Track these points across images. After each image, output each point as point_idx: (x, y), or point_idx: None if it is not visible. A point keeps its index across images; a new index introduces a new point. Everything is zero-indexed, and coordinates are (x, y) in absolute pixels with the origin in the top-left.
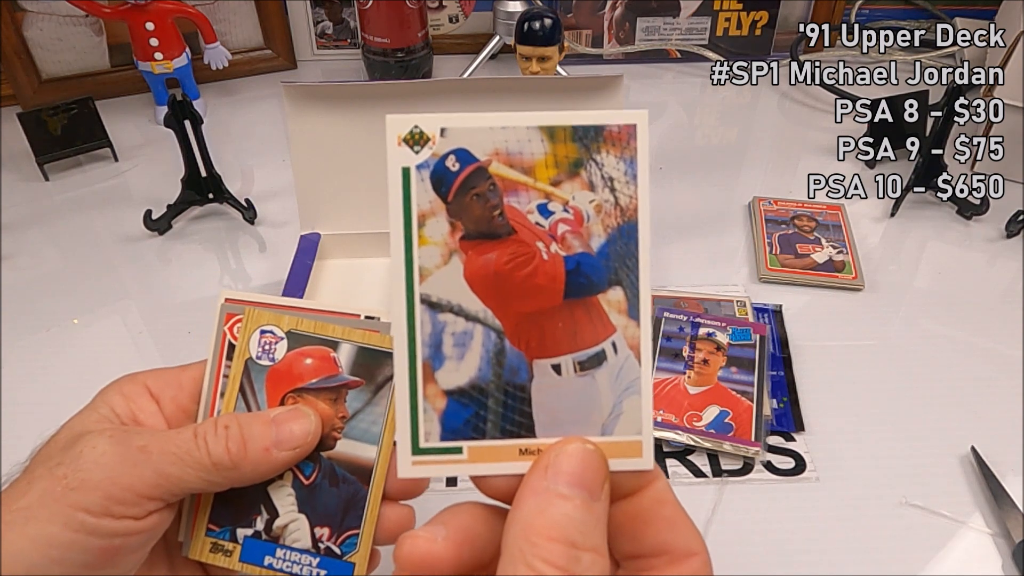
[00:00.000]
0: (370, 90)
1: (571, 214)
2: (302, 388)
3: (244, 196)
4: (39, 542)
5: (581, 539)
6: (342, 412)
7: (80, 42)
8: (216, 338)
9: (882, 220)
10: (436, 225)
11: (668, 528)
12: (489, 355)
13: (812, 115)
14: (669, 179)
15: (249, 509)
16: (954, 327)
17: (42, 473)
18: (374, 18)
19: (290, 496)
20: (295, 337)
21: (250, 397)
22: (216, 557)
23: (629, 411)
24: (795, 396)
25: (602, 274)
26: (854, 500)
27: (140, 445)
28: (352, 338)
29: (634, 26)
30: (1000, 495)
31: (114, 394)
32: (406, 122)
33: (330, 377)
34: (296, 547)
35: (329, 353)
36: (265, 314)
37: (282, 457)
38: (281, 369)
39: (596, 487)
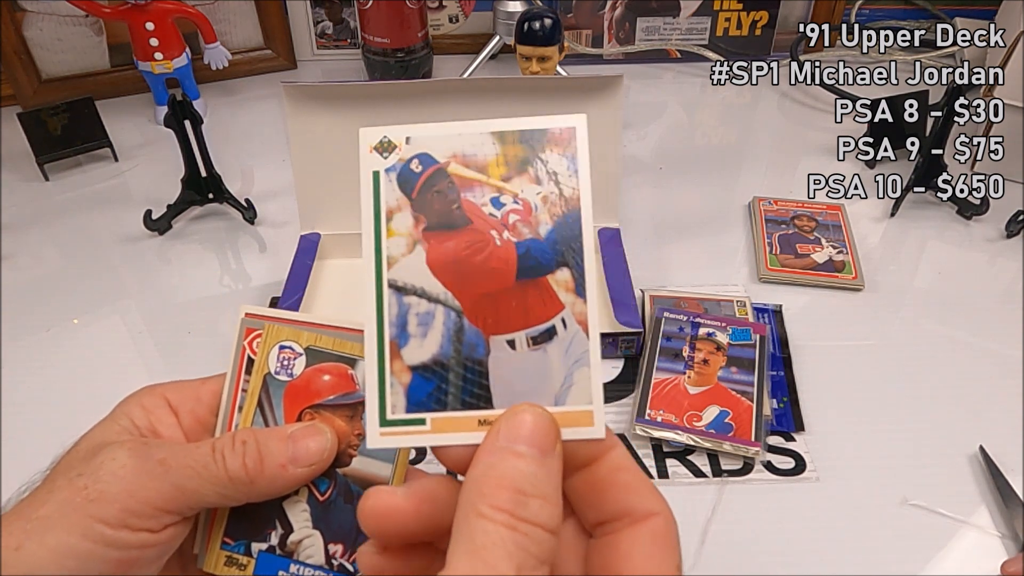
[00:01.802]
0: (370, 90)
1: (520, 205)
2: (319, 404)
3: (244, 196)
4: (57, 552)
5: (530, 488)
6: (358, 429)
7: (80, 42)
8: (236, 353)
9: (882, 220)
10: (402, 219)
11: (627, 492)
12: (449, 333)
13: (812, 115)
14: (669, 179)
15: (264, 524)
16: (954, 327)
17: (62, 484)
18: (374, 18)
19: (305, 512)
20: (314, 353)
21: (268, 412)
22: (230, 571)
23: (580, 382)
24: (795, 396)
25: (550, 257)
26: (854, 500)
27: (159, 458)
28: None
29: (634, 26)
30: (1008, 495)
31: (134, 406)
32: (376, 133)
33: (347, 394)
34: (310, 563)
35: (347, 370)
36: (284, 330)
37: (298, 473)
38: (299, 385)
39: (547, 445)
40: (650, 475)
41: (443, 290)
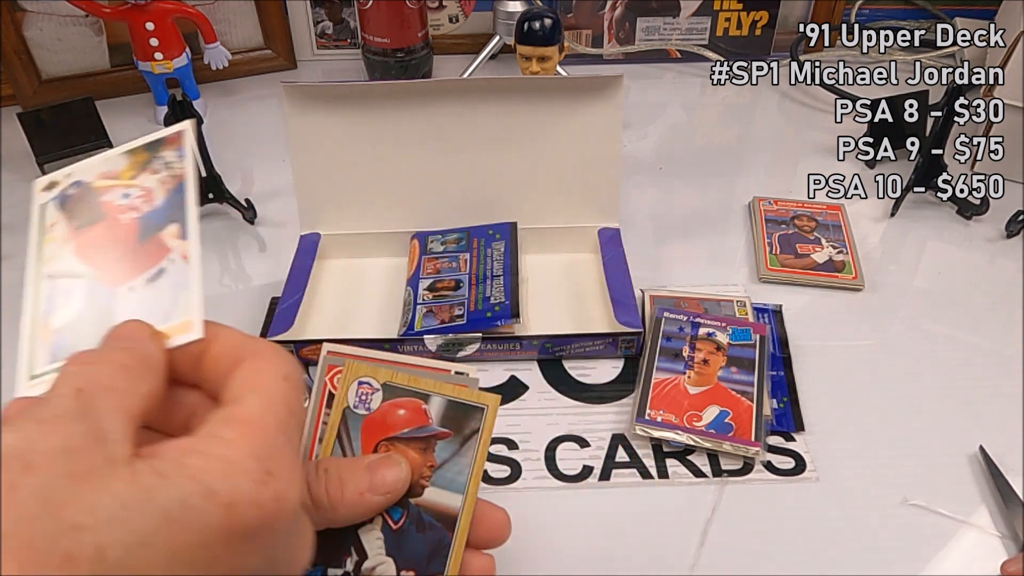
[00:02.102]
0: (370, 90)
1: (143, 192)
2: (394, 437)
3: (244, 196)
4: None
5: (112, 335)
6: (431, 461)
7: (80, 42)
8: (317, 388)
9: (882, 220)
10: (58, 229)
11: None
12: (85, 295)
13: (812, 115)
14: (669, 179)
15: (340, 550)
16: (954, 327)
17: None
18: (374, 18)
19: (379, 540)
20: (390, 389)
21: (346, 443)
22: None
23: (182, 303)
24: (795, 396)
25: (161, 218)
26: (854, 500)
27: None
28: (443, 391)
29: (634, 26)
30: (1008, 495)
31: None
32: (46, 179)
33: (421, 428)
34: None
35: (421, 405)
36: (363, 367)
37: (375, 501)
38: (376, 418)
39: (141, 337)
40: (650, 475)
41: (84, 268)
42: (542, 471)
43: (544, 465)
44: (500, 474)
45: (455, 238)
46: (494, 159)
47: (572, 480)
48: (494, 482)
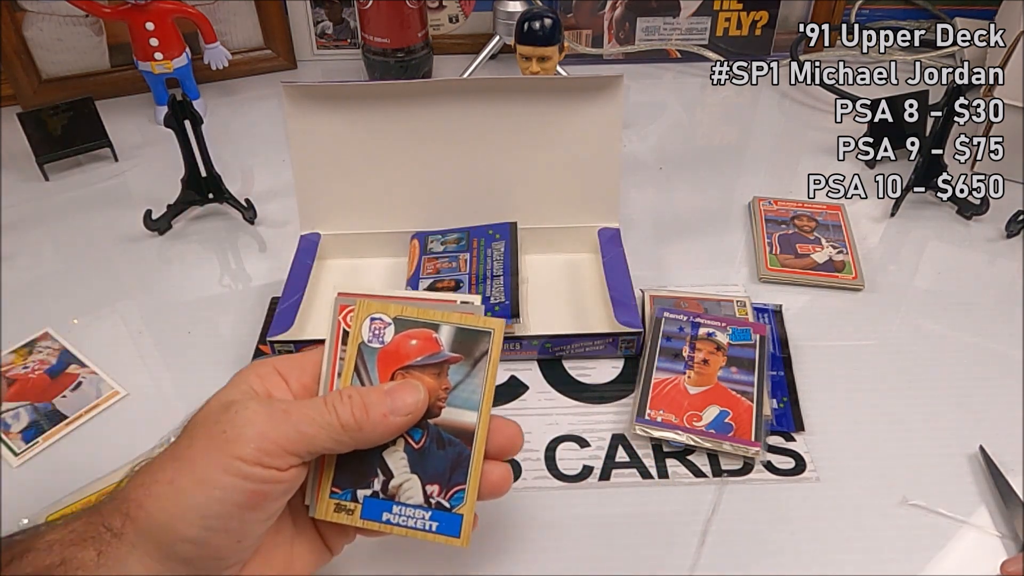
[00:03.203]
0: (370, 90)
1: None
2: (409, 365)
3: (244, 196)
4: (204, 483)
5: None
6: (445, 384)
7: (80, 42)
8: (332, 327)
9: (882, 220)
10: None
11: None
12: None
13: (812, 115)
14: (669, 179)
15: (368, 473)
16: (954, 327)
17: (202, 432)
18: (374, 18)
19: (403, 459)
20: (401, 322)
21: (364, 375)
22: (340, 516)
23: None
24: (795, 396)
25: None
26: (854, 500)
27: (283, 408)
28: (451, 320)
29: (634, 26)
30: (1008, 495)
31: (250, 374)
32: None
33: (433, 355)
34: (410, 503)
35: (431, 334)
36: (374, 304)
37: (397, 422)
38: (390, 350)
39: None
40: (650, 475)
41: None
42: (542, 471)
43: (544, 465)
44: None
45: (455, 238)
46: (494, 159)
47: (572, 480)
48: None
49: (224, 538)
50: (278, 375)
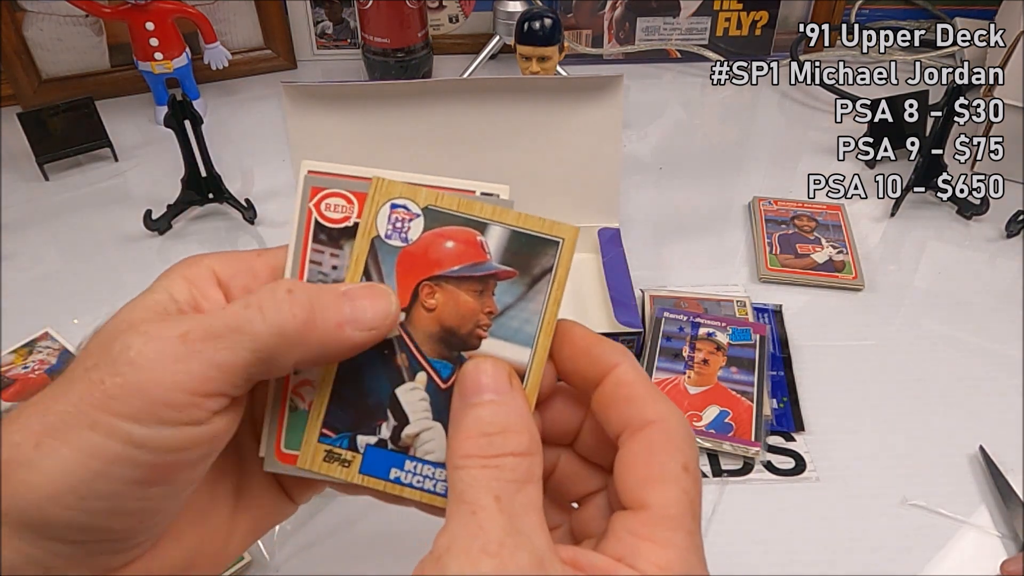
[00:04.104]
0: (370, 90)
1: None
2: (441, 276)
3: (244, 196)
4: (83, 452)
5: (490, 427)
6: (489, 307)
7: (80, 42)
8: (300, 216)
9: (882, 220)
10: None
11: (626, 405)
12: None
13: (812, 115)
14: (669, 179)
15: (374, 413)
16: (954, 327)
17: (79, 375)
18: (374, 18)
19: (424, 401)
20: (434, 215)
21: (374, 279)
22: (332, 468)
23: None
24: (795, 396)
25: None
26: (854, 500)
27: (180, 334)
28: (504, 220)
29: (634, 26)
30: (1008, 495)
31: (176, 278)
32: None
33: (476, 264)
34: (429, 459)
35: (475, 236)
36: (398, 185)
37: (356, 337)
38: (416, 252)
39: (496, 386)
40: None
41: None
42: None
43: None
44: None
45: None
46: (494, 159)
47: None
48: None
49: (117, 520)
50: (215, 281)
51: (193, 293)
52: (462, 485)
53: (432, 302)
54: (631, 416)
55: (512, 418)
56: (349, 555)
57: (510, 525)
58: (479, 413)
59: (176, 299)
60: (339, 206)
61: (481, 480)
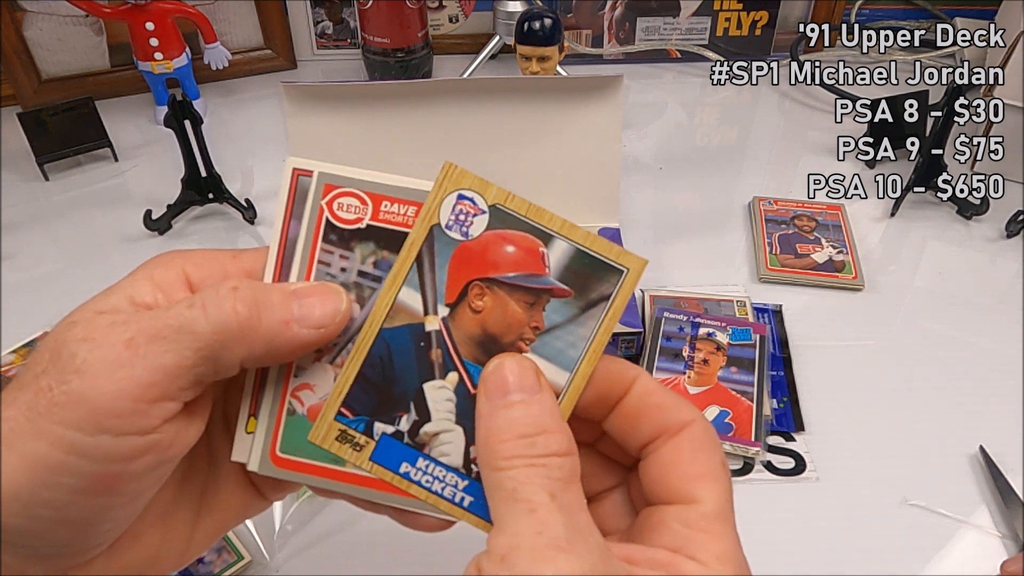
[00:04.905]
0: (370, 90)
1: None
2: (494, 279)
3: (244, 196)
4: (28, 460)
5: (529, 428)
6: (537, 321)
7: (80, 42)
8: (311, 213)
9: (882, 220)
10: None
11: (659, 411)
12: None
13: (812, 115)
14: (669, 179)
15: (396, 403)
16: (954, 327)
17: (29, 381)
18: (374, 18)
19: (450, 402)
20: (500, 215)
21: (427, 273)
22: (342, 448)
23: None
24: (795, 396)
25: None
26: (854, 500)
27: (126, 340)
28: (572, 236)
29: (634, 26)
30: (1008, 495)
31: (142, 279)
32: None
33: (533, 276)
34: (443, 462)
35: (538, 246)
36: (468, 176)
37: (304, 335)
38: (474, 249)
39: (528, 385)
40: None
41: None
42: None
43: None
44: None
45: None
46: (494, 159)
47: None
48: None
49: (64, 529)
50: (184, 283)
51: (157, 297)
52: (513, 484)
53: (480, 304)
54: (666, 420)
55: (546, 418)
56: (349, 555)
57: (570, 521)
58: (511, 414)
59: (137, 303)
60: (352, 206)
61: (533, 478)
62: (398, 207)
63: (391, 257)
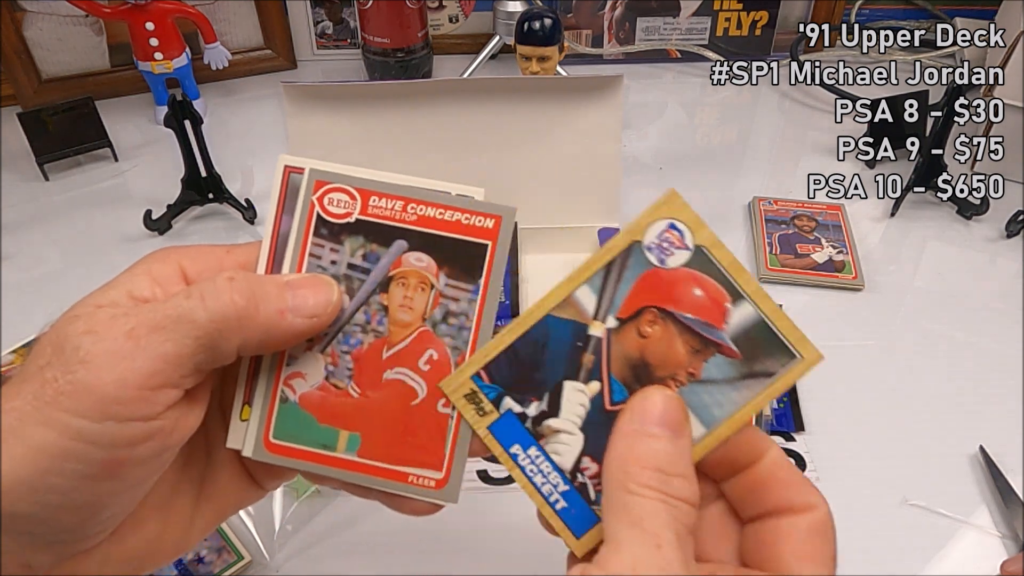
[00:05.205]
0: (370, 90)
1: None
2: (672, 313)
3: (244, 196)
4: (35, 448)
5: (669, 466)
6: (694, 368)
7: (80, 42)
8: (303, 207)
9: (882, 220)
10: None
11: (786, 487)
12: None
13: (812, 115)
14: (669, 179)
15: (533, 387)
16: (954, 327)
17: (33, 373)
18: (374, 18)
19: (582, 407)
20: (702, 258)
21: (612, 280)
22: (467, 408)
23: None
24: (795, 396)
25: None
26: (854, 500)
27: (127, 331)
28: (761, 305)
29: (634, 26)
30: (1008, 495)
31: (140, 274)
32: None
33: (710, 326)
34: (553, 459)
35: (725, 301)
36: (688, 211)
37: (298, 324)
38: (665, 278)
39: (677, 425)
40: None
41: None
42: None
43: None
44: (500, 474)
45: None
46: (494, 159)
47: None
48: (494, 482)
49: (69, 514)
50: (181, 278)
51: (155, 291)
52: (640, 512)
53: (648, 330)
54: (792, 498)
55: (684, 464)
56: (349, 555)
57: (687, 568)
58: (657, 446)
59: (135, 297)
60: (342, 201)
61: (662, 514)
62: (386, 202)
63: (380, 250)
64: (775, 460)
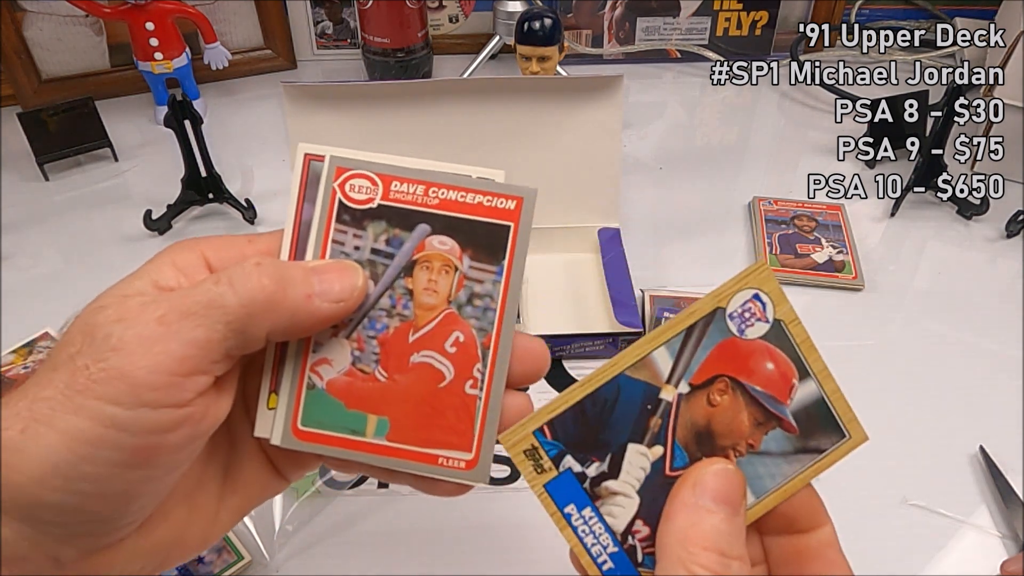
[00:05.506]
0: (370, 90)
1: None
2: (743, 384)
3: (244, 196)
4: (68, 436)
5: (729, 548)
6: (755, 440)
7: (80, 42)
8: (324, 194)
9: (882, 220)
10: None
11: (829, 568)
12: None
13: (812, 115)
14: (669, 179)
15: (596, 448)
16: (954, 327)
17: (63, 361)
18: (374, 18)
19: (642, 471)
20: (778, 332)
21: (690, 345)
22: (525, 464)
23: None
24: None
25: None
26: (854, 500)
27: (158, 317)
28: (824, 385)
29: (634, 26)
30: (1008, 495)
31: (165, 264)
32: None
33: (775, 400)
34: (607, 521)
35: (793, 378)
36: (772, 282)
37: (324, 309)
38: (742, 348)
39: (737, 503)
40: None
41: None
42: None
43: None
44: (500, 474)
45: None
46: (494, 159)
47: None
48: (494, 482)
49: (103, 502)
50: (205, 268)
51: (180, 281)
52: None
53: (718, 399)
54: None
55: (740, 546)
56: (349, 555)
57: None
58: (718, 525)
59: (160, 286)
60: (364, 187)
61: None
62: (407, 187)
63: (403, 235)
64: (828, 538)
